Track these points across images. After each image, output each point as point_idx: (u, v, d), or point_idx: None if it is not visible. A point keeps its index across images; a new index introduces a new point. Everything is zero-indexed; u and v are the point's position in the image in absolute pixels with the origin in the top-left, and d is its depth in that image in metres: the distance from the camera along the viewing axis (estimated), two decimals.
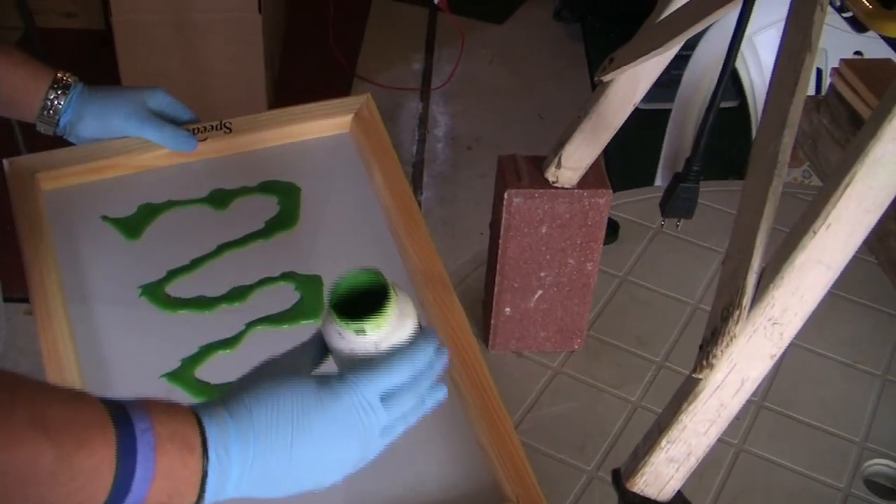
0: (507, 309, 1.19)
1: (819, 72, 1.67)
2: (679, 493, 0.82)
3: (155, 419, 0.67)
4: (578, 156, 1.08)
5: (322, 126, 1.22)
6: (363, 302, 0.80)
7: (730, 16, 0.92)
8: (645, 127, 1.90)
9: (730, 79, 1.81)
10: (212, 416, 0.71)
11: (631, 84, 1.04)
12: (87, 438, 0.63)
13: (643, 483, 0.80)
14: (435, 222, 2.48)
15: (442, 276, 1.08)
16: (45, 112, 1.08)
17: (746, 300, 0.74)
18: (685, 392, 0.77)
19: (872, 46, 1.63)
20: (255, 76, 2.72)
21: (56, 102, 1.08)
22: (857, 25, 1.00)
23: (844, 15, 1.51)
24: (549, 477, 1.07)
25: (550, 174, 1.10)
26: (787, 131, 0.75)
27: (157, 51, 2.67)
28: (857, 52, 1.65)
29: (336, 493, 0.91)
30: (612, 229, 1.36)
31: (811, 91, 1.56)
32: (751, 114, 1.81)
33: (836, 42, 1.60)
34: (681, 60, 1.76)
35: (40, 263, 1.03)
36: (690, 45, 1.71)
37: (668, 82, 1.82)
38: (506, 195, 1.10)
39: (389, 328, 0.79)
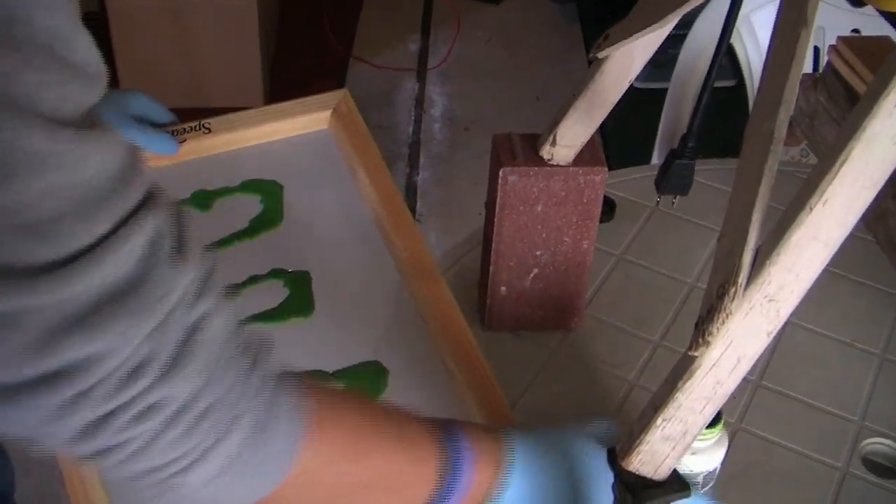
0: (503, 288, 1.19)
1: (816, 49, 1.66)
2: (675, 472, 0.82)
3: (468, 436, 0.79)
4: (573, 133, 1.07)
5: (301, 123, 1.23)
6: None
7: None
8: (643, 106, 1.90)
9: (727, 58, 1.81)
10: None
11: (626, 61, 1.03)
12: (426, 451, 0.76)
13: (639, 462, 0.80)
14: (432, 203, 2.47)
15: (430, 267, 1.09)
16: None
17: (742, 277, 0.73)
18: (681, 370, 0.77)
19: (871, 24, 1.62)
20: (250, 60, 2.71)
21: None
22: (854, 0, 1.00)
23: None
24: None
25: (545, 152, 1.09)
26: (782, 108, 0.74)
27: (152, 36, 2.66)
28: (854, 30, 1.64)
29: None
30: (609, 208, 1.36)
31: (808, 69, 1.55)
32: (748, 93, 1.80)
33: (833, 19, 1.59)
34: (677, 40, 1.75)
35: None
36: (687, 24, 1.70)
37: (665, 62, 1.81)
38: (501, 173, 1.09)
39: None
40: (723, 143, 1.48)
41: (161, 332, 0.56)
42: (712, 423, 0.93)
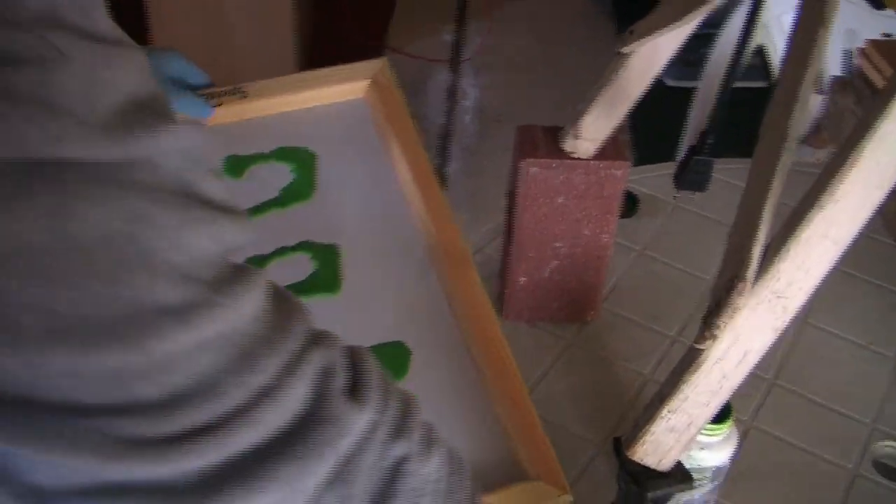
0: (522, 278, 1.20)
1: (848, 53, 1.65)
2: (679, 464, 0.82)
3: None
4: (596, 127, 1.08)
5: (338, 91, 1.20)
6: None
7: None
8: (674, 104, 1.89)
9: (758, 59, 1.80)
10: None
11: (650, 57, 1.04)
12: None
13: (643, 452, 0.81)
14: (461, 194, 2.47)
15: (461, 249, 1.07)
16: None
17: (751, 272, 0.74)
18: (687, 362, 0.78)
19: None
20: (283, 44, 2.71)
21: None
22: (876, 2, 0.99)
23: None
24: (556, 449, 1.07)
25: (568, 145, 1.10)
26: (797, 106, 0.75)
27: (185, 15, 2.67)
28: (886, 34, 1.63)
29: None
30: (632, 203, 1.36)
31: (837, 72, 1.55)
32: None
33: (865, 22, 1.58)
34: (708, 39, 1.75)
35: None
36: (718, 24, 1.69)
37: (697, 60, 1.81)
38: (522, 165, 1.10)
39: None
40: (751, 144, 1.48)
41: (346, 482, 0.52)
42: (722, 419, 0.94)
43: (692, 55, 1.09)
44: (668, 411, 0.78)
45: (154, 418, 0.45)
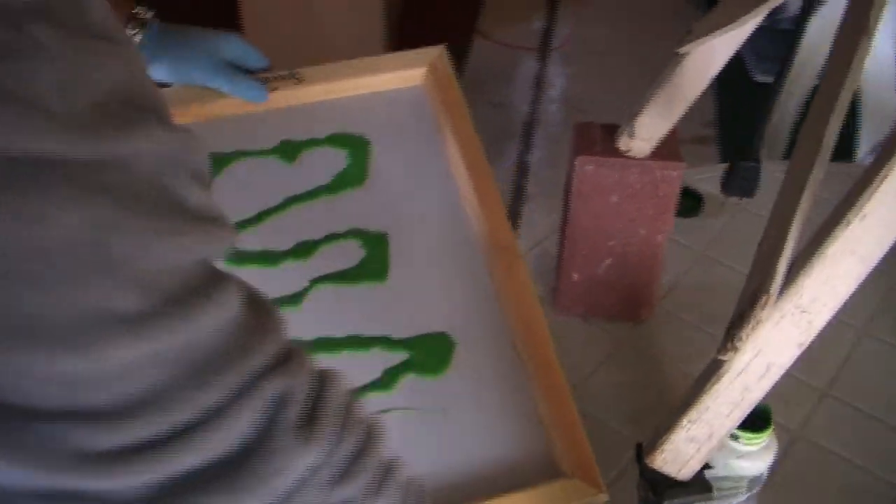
0: (575, 274, 1.19)
1: None
2: (700, 474, 0.81)
3: None
4: (651, 127, 1.07)
5: (395, 78, 1.19)
6: None
7: None
8: (760, 101, 1.86)
9: None
10: None
11: (707, 57, 1.02)
12: None
13: (662, 460, 0.80)
14: (542, 183, 2.47)
15: (510, 242, 1.06)
16: None
17: (775, 286, 0.73)
18: (709, 373, 0.77)
19: None
20: (372, 27, 2.72)
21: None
22: None
23: None
24: (597, 446, 1.07)
25: (623, 144, 1.09)
26: (833, 117, 0.73)
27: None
28: None
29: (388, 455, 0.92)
30: (697, 202, 1.34)
31: None
32: (859, 98, 1.75)
33: None
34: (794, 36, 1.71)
35: None
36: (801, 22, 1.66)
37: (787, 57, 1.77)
38: (576, 162, 1.10)
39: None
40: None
41: None
42: (761, 428, 0.92)
43: (786, 52, 1.06)
44: (689, 421, 0.78)
45: (104, 428, 0.44)
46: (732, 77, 2.36)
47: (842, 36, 0.76)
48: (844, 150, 0.77)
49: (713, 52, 1.02)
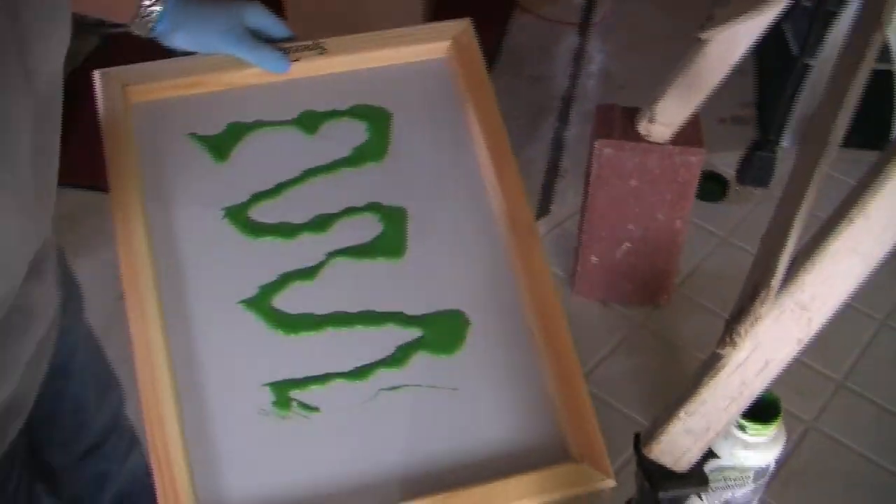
0: (594, 257, 1.19)
1: None
2: (697, 466, 0.81)
3: None
4: (671, 112, 1.06)
5: (418, 51, 1.17)
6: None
7: None
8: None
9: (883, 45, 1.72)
10: None
11: (729, 44, 1.01)
12: None
13: (659, 451, 0.80)
14: (578, 160, 2.45)
15: (528, 222, 1.05)
16: (141, 19, 1.06)
17: (776, 281, 0.72)
18: (708, 366, 0.76)
19: None
20: (413, 1, 2.70)
21: (152, 11, 1.06)
22: None
23: None
24: (608, 431, 1.07)
25: (643, 128, 1.08)
26: (841, 113, 0.72)
27: None
28: None
29: (398, 433, 0.92)
30: (721, 187, 1.33)
31: None
32: None
33: None
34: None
35: (123, 175, 1.04)
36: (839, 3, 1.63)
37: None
38: (596, 145, 1.10)
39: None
40: (858, 133, 1.42)
41: None
42: (769, 420, 0.92)
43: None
44: (686, 413, 0.77)
45: None
46: (775, 57, 2.32)
47: (855, 30, 0.75)
48: (881, 136, 0.76)
49: (735, 39, 1.01)
